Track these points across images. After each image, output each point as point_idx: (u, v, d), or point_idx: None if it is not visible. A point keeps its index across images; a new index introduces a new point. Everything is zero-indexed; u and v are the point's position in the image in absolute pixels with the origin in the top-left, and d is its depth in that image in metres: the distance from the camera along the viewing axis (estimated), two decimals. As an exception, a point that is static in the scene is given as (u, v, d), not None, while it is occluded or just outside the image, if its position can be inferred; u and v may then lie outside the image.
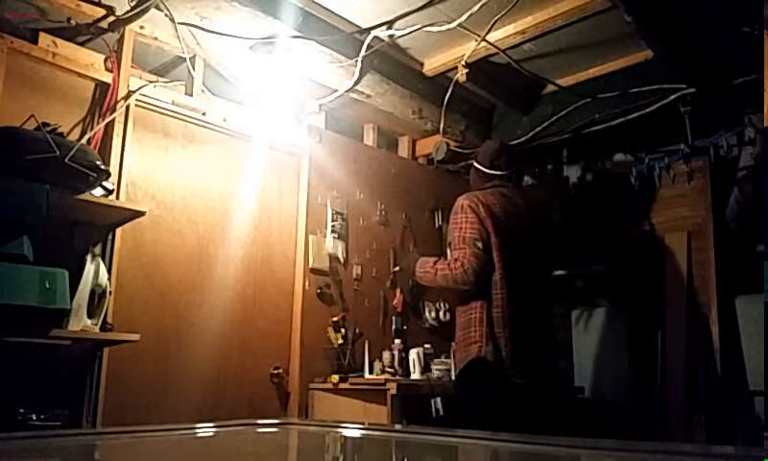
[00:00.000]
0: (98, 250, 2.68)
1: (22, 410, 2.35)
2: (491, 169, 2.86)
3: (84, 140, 2.62)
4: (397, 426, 2.43)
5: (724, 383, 3.45)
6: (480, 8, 2.73)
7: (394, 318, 3.62)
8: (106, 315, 2.58)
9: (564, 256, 3.71)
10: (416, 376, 3.22)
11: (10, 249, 2.23)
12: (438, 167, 4.00)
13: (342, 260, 3.53)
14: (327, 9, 2.95)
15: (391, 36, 3.05)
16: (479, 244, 2.60)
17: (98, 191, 2.56)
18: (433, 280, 2.77)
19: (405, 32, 2.98)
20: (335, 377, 3.15)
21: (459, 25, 2.88)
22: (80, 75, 2.80)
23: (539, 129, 3.68)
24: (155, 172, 2.99)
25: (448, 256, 2.71)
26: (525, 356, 2.57)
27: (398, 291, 3.67)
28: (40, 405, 2.39)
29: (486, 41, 3.08)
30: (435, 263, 2.75)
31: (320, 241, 3.47)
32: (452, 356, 3.20)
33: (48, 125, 2.41)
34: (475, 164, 2.94)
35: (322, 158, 3.55)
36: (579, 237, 3.97)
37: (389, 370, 3.24)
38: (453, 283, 2.67)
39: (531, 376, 2.56)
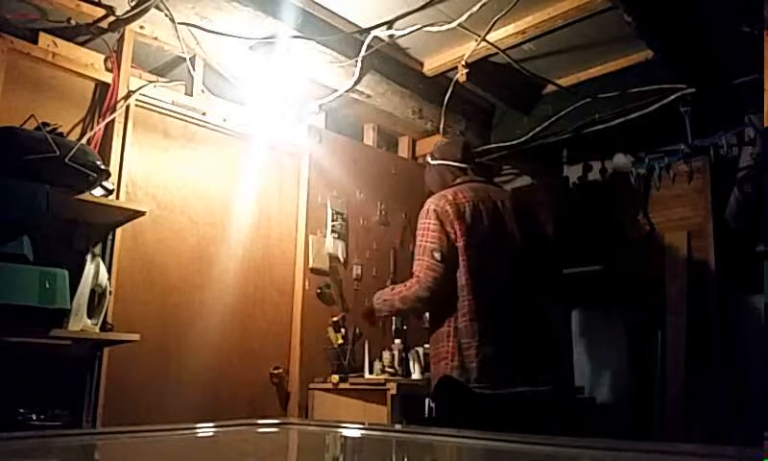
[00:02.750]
0: (98, 250, 2.68)
1: (22, 410, 2.35)
2: (463, 162, 2.66)
3: (84, 140, 2.62)
4: (397, 426, 2.43)
5: (724, 383, 3.45)
6: (480, 8, 2.73)
7: (394, 318, 3.62)
8: (106, 315, 2.58)
9: (559, 259, 3.57)
10: (416, 376, 3.21)
11: (10, 249, 2.23)
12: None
13: (342, 260, 3.53)
14: (327, 9, 2.95)
15: (391, 36, 3.05)
16: (437, 255, 2.39)
17: (98, 191, 2.55)
18: (392, 308, 2.59)
19: (405, 32, 2.98)
20: (335, 377, 3.15)
21: (459, 25, 2.87)
22: (80, 75, 2.80)
23: (538, 129, 3.68)
24: (155, 172, 2.99)
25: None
26: (501, 364, 2.35)
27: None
28: (40, 405, 2.39)
29: (486, 41, 3.08)
30: (393, 288, 2.58)
31: (320, 241, 3.47)
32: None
33: (48, 125, 2.41)
34: (440, 162, 2.69)
35: (322, 158, 3.55)
36: (571, 238, 3.97)
37: (389, 370, 3.24)
38: (411, 303, 2.48)
39: (510, 382, 2.34)
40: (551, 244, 2.68)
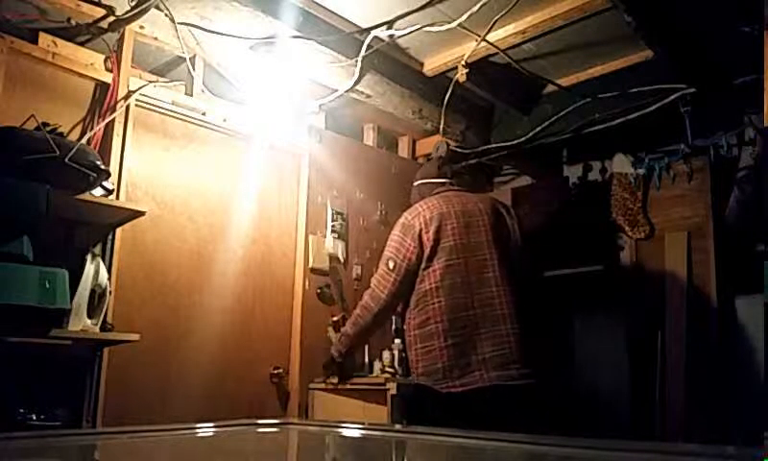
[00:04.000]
0: (98, 250, 2.68)
1: (22, 410, 2.35)
2: (437, 178, 2.79)
3: (84, 140, 2.62)
4: (397, 426, 2.43)
5: (724, 383, 3.45)
6: (480, 8, 2.73)
7: (394, 318, 3.61)
8: (106, 315, 2.58)
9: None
10: (416, 376, 3.21)
11: (10, 249, 2.22)
12: (438, 167, 3.99)
13: (342, 260, 3.53)
14: (327, 9, 2.94)
15: (391, 36, 3.04)
16: (390, 264, 2.51)
17: (98, 191, 2.55)
18: (348, 338, 2.69)
19: (405, 32, 2.98)
20: (335, 377, 3.14)
21: (459, 25, 2.87)
22: (80, 75, 2.80)
23: (539, 129, 3.68)
24: (155, 172, 2.99)
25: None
26: (465, 362, 2.37)
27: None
28: (40, 405, 2.39)
29: (486, 41, 3.07)
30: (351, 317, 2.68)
31: (320, 241, 3.47)
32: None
33: (48, 125, 2.41)
34: (419, 182, 2.85)
35: (322, 158, 3.55)
36: (572, 238, 3.96)
37: (389, 370, 3.24)
38: (362, 318, 2.59)
39: (478, 379, 2.36)
40: (528, 246, 2.71)
